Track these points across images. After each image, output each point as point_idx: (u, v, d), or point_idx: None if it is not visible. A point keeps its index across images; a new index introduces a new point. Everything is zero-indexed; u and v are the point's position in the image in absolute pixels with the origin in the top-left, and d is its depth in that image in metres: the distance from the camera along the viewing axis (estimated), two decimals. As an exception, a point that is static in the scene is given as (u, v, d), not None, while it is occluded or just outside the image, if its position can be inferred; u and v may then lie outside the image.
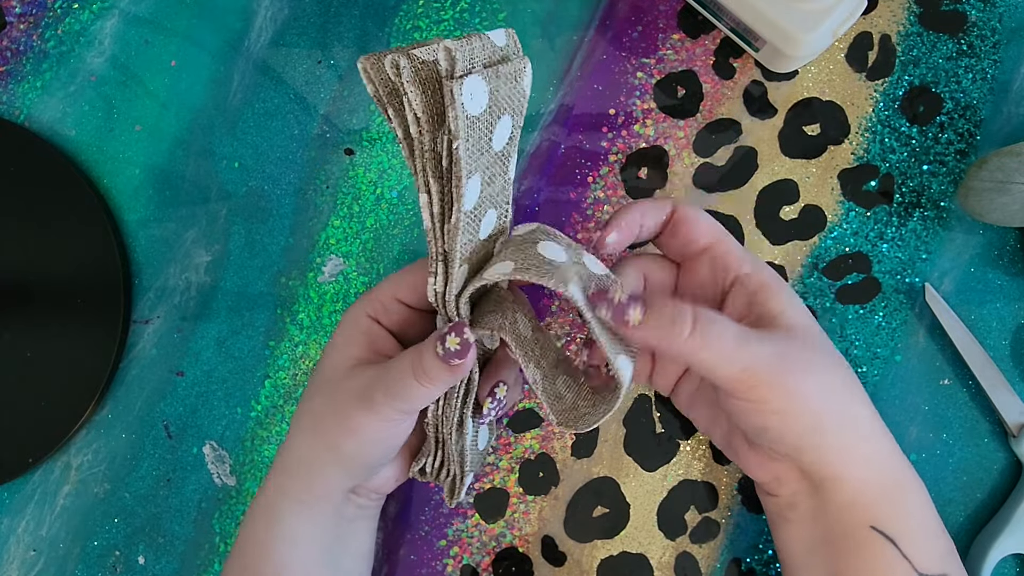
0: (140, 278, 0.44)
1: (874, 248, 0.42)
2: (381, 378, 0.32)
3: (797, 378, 0.30)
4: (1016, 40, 0.42)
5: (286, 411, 0.43)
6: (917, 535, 0.32)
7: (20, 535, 0.42)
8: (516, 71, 0.27)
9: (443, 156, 0.27)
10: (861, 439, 0.32)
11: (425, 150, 0.27)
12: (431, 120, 0.27)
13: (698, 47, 0.43)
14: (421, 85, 0.26)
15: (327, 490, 0.34)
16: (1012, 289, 0.41)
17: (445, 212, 0.28)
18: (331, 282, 0.43)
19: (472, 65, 0.26)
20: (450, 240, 0.28)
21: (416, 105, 0.26)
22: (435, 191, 0.28)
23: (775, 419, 0.30)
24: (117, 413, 0.43)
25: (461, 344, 0.29)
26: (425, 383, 0.30)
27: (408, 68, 0.25)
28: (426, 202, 0.28)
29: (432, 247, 0.29)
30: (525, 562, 0.41)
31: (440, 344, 0.29)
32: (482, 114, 0.26)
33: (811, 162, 0.42)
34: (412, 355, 0.31)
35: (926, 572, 0.31)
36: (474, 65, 0.26)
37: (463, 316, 0.31)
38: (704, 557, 0.40)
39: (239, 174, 0.44)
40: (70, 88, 0.45)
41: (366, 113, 0.44)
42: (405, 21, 0.44)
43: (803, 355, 0.31)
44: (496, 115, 0.27)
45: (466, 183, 0.27)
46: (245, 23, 0.45)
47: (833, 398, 0.31)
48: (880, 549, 0.31)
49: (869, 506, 0.31)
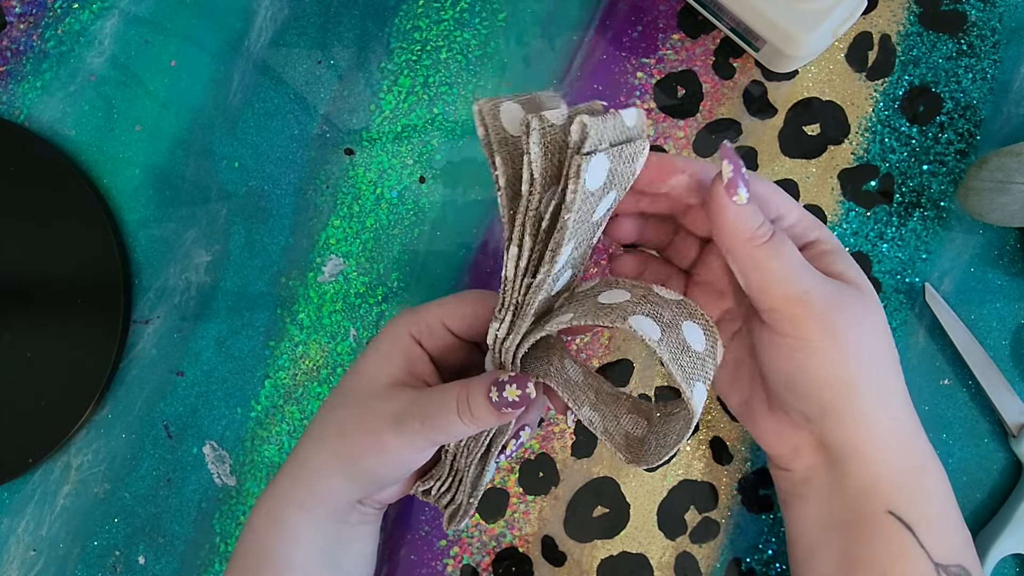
0: (140, 278, 0.44)
1: (874, 248, 0.42)
2: (421, 405, 0.31)
3: (847, 322, 0.29)
4: (1016, 40, 0.42)
5: (286, 411, 0.43)
6: (935, 524, 0.31)
7: (20, 535, 0.42)
8: (635, 153, 0.28)
9: (544, 218, 0.27)
10: (887, 414, 0.31)
11: (530, 209, 0.27)
12: (545, 182, 0.27)
13: (698, 47, 0.43)
14: (545, 148, 0.26)
15: (334, 499, 0.34)
16: (1012, 289, 0.41)
17: (528, 268, 0.29)
18: (331, 282, 0.43)
19: (600, 143, 0.26)
20: (530, 296, 0.29)
21: (536, 167, 0.26)
22: (527, 247, 0.28)
23: (813, 362, 0.29)
24: (117, 413, 0.43)
25: (521, 397, 0.29)
26: (468, 422, 0.30)
27: (538, 131, 0.26)
28: (514, 255, 0.28)
29: (506, 296, 0.29)
30: (525, 562, 0.41)
31: (497, 391, 0.29)
32: (597, 190, 0.27)
33: (811, 162, 0.42)
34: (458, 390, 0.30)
35: (941, 562, 0.30)
36: (602, 143, 0.26)
37: (515, 363, 0.31)
38: (704, 557, 0.40)
39: (239, 174, 0.44)
40: (70, 88, 0.45)
41: (366, 113, 0.44)
42: (405, 21, 0.44)
43: (858, 306, 0.30)
44: (607, 191, 0.27)
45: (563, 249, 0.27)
46: (245, 23, 0.45)
47: (872, 358, 0.30)
48: (896, 536, 0.30)
49: (888, 489, 0.30)
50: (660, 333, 0.28)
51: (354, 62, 0.44)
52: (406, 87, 0.44)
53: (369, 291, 0.43)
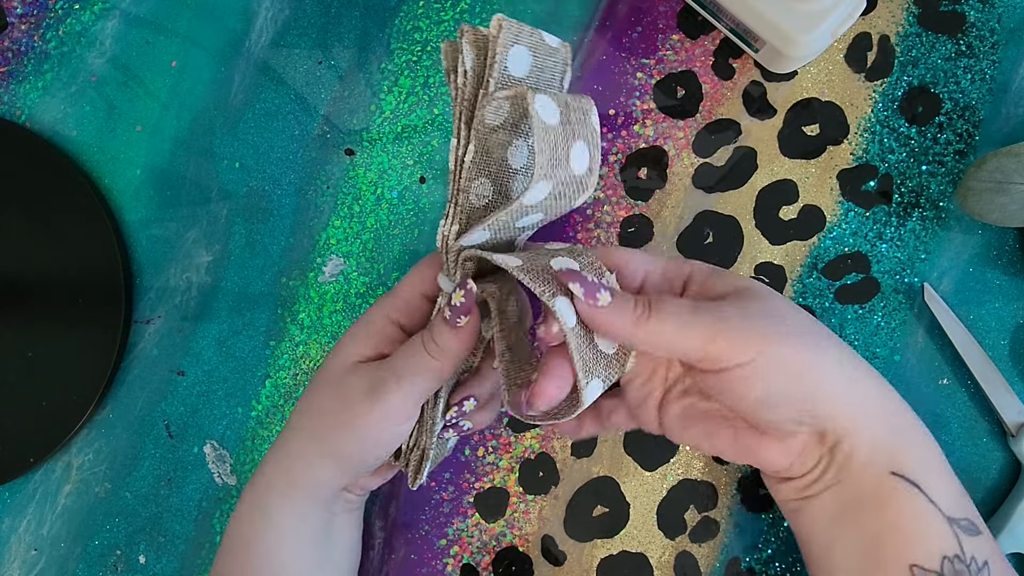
0: (141, 278, 0.44)
1: (873, 248, 0.42)
2: (390, 364, 0.32)
3: (764, 321, 0.30)
4: (1015, 41, 0.42)
5: (286, 411, 0.43)
6: (936, 476, 0.31)
7: (21, 534, 0.42)
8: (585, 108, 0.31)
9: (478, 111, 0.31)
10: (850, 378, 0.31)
11: (464, 100, 0.31)
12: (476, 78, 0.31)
13: (698, 48, 0.43)
14: (476, 49, 0.31)
15: (319, 487, 0.34)
16: (1011, 289, 0.41)
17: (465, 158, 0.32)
18: (331, 282, 0.43)
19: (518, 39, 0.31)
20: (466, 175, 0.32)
21: (467, 60, 0.31)
22: (463, 137, 0.31)
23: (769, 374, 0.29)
24: (118, 413, 0.43)
25: (465, 295, 0.30)
26: (435, 354, 0.31)
27: (469, 32, 0.31)
28: (453, 146, 0.32)
29: (450, 187, 0.32)
30: (525, 561, 0.41)
31: (448, 307, 0.30)
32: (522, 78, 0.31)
33: (810, 162, 0.42)
34: (421, 333, 0.32)
35: (952, 516, 0.30)
36: (520, 39, 0.31)
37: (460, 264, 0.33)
38: (704, 556, 0.41)
39: (240, 174, 0.44)
40: (71, 89, 0.45)
41: (366, 113, 0.44)
42: (405, 22, 0.44)
43: (759, 302, 0.30)
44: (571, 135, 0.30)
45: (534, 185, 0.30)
46: (246, 24, 0.45)
47: (807, 334, 0.31)
48: (907, 495, 0.30)
49: (886, 452, 0.30)
50: (574, 322, 0.29)
51: (355, 63, 0.44)
52: (406, 88, 0.44)
53: (369, 291, 0.43)
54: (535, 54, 0.31)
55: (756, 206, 0.42)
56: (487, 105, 0.30)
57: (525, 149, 0.33)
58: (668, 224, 0.42)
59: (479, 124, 0.31)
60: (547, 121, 0.29)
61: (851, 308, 0.41)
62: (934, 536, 0.30)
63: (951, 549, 0.30)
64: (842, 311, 0.41)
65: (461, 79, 0.31)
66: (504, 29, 0.30)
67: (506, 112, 0.31)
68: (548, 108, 0.30)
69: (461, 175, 0.32)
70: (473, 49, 0.31)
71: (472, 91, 0.31)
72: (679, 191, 0.43)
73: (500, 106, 0.31)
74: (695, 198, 0.42)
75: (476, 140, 0.31)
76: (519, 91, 0.30)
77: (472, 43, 0.31)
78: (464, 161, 0.32)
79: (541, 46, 0.32)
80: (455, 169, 0.32)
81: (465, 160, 0.31)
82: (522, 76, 0.31)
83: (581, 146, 0.31)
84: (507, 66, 0.30)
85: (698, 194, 0.42)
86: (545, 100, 0.30)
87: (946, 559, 0.30)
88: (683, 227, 0.42)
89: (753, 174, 0.42)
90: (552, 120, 0.30)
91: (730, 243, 0.42)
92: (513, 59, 0.31)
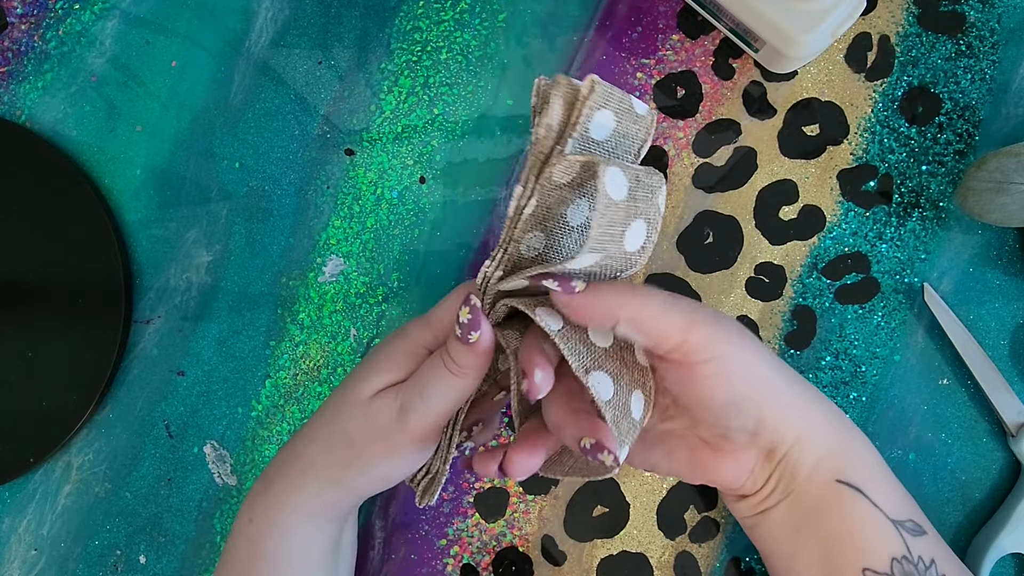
0: (141, 278, 0.44)
1: (873, 248, 0.42)
2: (413, 383, 0.32)
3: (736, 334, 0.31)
4: (1015, 41, 0.42)
5: (286, 411, 0.43)
6: (879, 482, 0.32)
7: (21, 534, 0.42)
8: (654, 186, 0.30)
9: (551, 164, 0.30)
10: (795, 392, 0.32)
11: (540, 152, 0.30)
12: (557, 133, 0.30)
13: (697, 48, 0.43)
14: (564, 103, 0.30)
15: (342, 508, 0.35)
16: (1011, 289, 0.41)
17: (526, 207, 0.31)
18: (332, 282, 0.43)
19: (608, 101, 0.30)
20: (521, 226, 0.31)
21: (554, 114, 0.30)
22: (530, 186, 0.30)
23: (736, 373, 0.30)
24: (118, 413, 0.43)
25: (471, 311, 0.30)
26: (455, 370, 0.31)
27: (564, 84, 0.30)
28: (518, 193, 0.31)
29: (504, 232, 0.32)
30: (525, 561, 0.41)
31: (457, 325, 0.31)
32: (603, 141, 0.30)
33: (810, 162, 0.42)
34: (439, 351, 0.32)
35: (896, 519, 0.31)
36: (609, 103, 0.30)
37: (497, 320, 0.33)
38: (703, 556, 0.41)
39: (240, 174, 0.44)
40: (71, 89, 0.45)
41: (366, 113, 0.44)
42: (405, 22, 0.44)
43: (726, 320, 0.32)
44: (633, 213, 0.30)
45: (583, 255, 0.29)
46: (246, 24, 0.45)
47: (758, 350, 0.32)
48: (852, 501, 0.31)
49: (831, 461, 0.32)
50: (612, 395, 0.29)
51: (354, 63, 0.44)
52: (406, 88, 0.44)
53: (369, 291, 0.43)
54: (620, 120, 0.30)
55: (756, 206, 0.42)
56: (558, 163, 0.30)
57: (586, 208, 0.32)
58: (668, 224, 0.42)
59: (546, 180, 0.30)
60: (613, 196, 0.28)
61: (851, 308, 0.41)
62: (881, 539, 0.31)
63: (898, 551, 0.31)
64: (842, 311, 0.41)
65: (543, 131, 0.30)
66: (596, 92, 0.29)
67: (575, 173, 0.30)
68: (617, 181, 0.29)
69: (517, 225, 0.31)
70: (562, 103, 0.30)
71: (550, 145, 0.30)
72: (679, 191, 0.43)
73: (571, 166, 0.30)
74: (695, 198, 0.42)
75: (539, 195, 0.31)
76: (592, 159, 0.29)
77: (562, 96, 0.30)
78: (523, 213, 0.31)
79: (628, 112, 0.31)
80: (513, 216, 0.31)
81: (525, 212, 0.31)
82: (602, 140, 0.31)
83: (640, 224, 0.30)
84: (588, 127, 0.30)
85: (698, 194, 0.43)
86: (616, 173, 0.29)
87: (895, 560, 0.31)
88: (683, 227, 0.42)
89: (753, 174, 0.42)
90: (618, 195, 0.29)
91: (730, 243, 0.42)
92: (596, 122, 0.30)
